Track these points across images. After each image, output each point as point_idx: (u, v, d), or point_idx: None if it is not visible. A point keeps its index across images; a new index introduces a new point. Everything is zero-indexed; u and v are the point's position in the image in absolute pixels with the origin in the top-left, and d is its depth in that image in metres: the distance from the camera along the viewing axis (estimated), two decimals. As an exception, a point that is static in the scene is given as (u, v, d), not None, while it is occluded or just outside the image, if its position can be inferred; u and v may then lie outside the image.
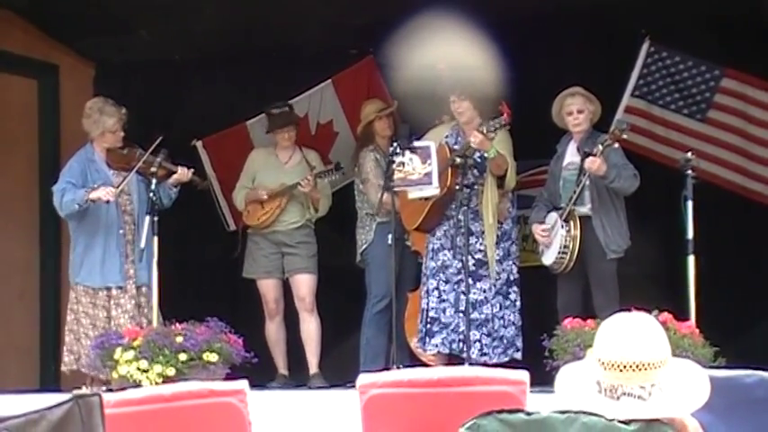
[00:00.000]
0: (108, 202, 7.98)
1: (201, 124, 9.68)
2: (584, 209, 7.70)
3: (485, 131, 7.64)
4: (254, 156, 8.87)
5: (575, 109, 7.81)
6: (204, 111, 9.78)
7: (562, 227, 7.66)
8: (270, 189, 8.59)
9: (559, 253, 7.66)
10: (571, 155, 7.84)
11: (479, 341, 7.84)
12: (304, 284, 8.56)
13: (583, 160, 7.63)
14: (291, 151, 8.78)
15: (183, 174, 8.19)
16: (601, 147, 7.49)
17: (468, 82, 7.98)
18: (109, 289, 8.04)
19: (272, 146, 8.83)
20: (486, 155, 7.80)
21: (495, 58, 7.97)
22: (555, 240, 7.71)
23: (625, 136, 7.60)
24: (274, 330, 8.67)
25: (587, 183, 7.62)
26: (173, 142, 8.38)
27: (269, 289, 8.66)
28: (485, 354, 7.82)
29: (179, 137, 9.17)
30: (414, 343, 8.26)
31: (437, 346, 7.92)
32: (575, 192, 7.64)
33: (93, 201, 7.96)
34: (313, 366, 8.49)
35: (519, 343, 7.93)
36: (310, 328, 8.54)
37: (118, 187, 8.02)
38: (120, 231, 8.09)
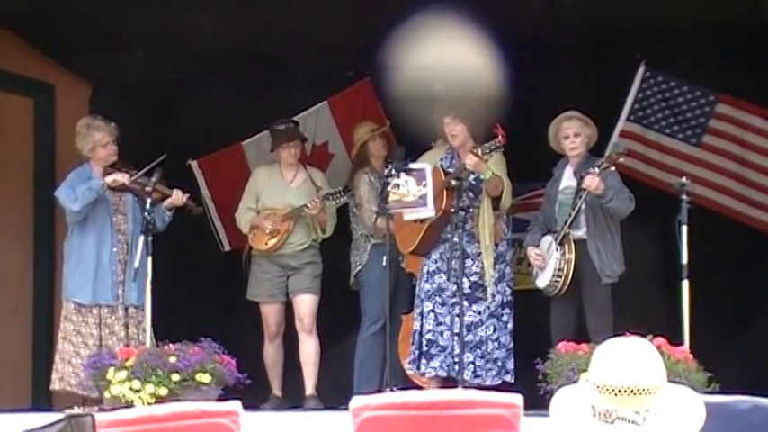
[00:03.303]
0: (123, 185, 8.00)
1: (197, 144, 9.68)
2: (580, 233, 7.70)
3: (479, 153, 7.64)
4: (258, 174, 8.74)
5: (571, 132, 7.82)
6: (200, 131, 9.79)
7: (557, 250, 7.66)
8: (276, 219, 8.45)
9: (553, 276, 7.66)
10: (567, 179, 7.85)
11: (473, 363, 7.82)
12: (304, 305, 8.47)
13: (579, 184, 7.64)
14: (296, 170, 8.65)
15: (177, 197, 8.17)
16: (597, 170, 7.49)
17: (465, 104, 7.98)
18: (99, 307, 8.02)
19: (276, 164, 8.71)
20: (481, 177, 7.81)
21: (493, 80, 7.98)
22: (549, 263, 7.71)
23: (622, 160, 7.62)
24: (272, 352, 8.60)
25: (583, 207, 7.62)
26: (168, 162, 8.37)
27: (271, 313, 8.57)
28: (478, 376, 7.81)
29: (175, 156, 9.17)
30: (406, 365, 8.25)
31: (435, 369, 7.90)
32: (570, 215, 7.64)
33: (110, 186, 7.98)
34: (309, 388, 8.43)
35: (510, 365, 7.91)
36: (308, 349, 8.47)
37: (133, 176, 8.05)
38: (114, 250, 8.08)
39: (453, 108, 7.98)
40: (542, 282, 7.77)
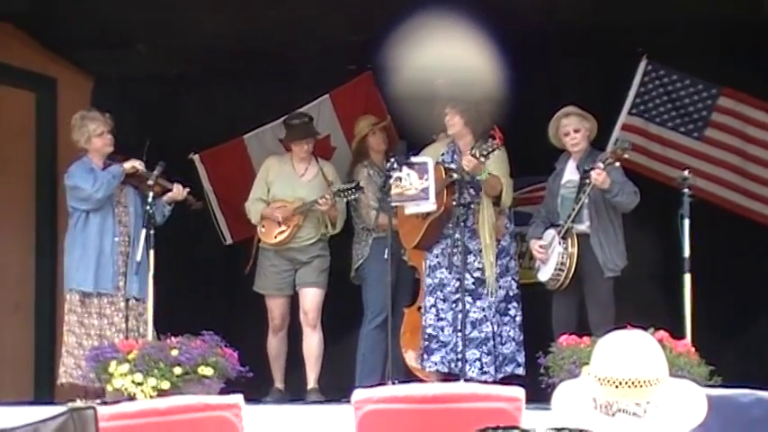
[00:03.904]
0: (139, 173, 8.08)
1: (199, 138, 9.68)
2: (583, 226, 7.70)
3: (477, 155, 7.63)
4: (269, 164, 8.67)
5: (571, 129, 7.82)
6: (202, 125, 9.79)
7: (560, 244, 7.66)
8: (287, 211, 8.40)
9: (556, 270, 7.66)
10: (570, 173, 7.85)
11: (479, 360, 7.81)
12: (309, 299, 8.44)
13: (582, 178, 7.65)
14: (308, 163, 8.61)
15: (177, 192, 8.19)
16: (602, 165, 7.49)
17: (466, 99, 7.97)
18: (100, 296, 8.02)
19: (289, 155, 8.66)
20: (478, 178, 7.79)
21: (494, 77, 7.98)
22: (552, 257, 7.71)
23: (627, 155, 7.60)
24: (276, 345, 8.57)
25: (586, 201, 7.62)
26: (170, 156, 8.38)
27: (277, 306, 8.54)
28: (485, 372, 7.79)
29: (177, 150, 9.18)
30: (413, 359, 8.26)
31: (436, 363, 7.90)
32: (573, 209, 7.64)
33: (128, 173, 8.07)
34: (311, 381, 8.42)
35: (520, 358, 7.89)
36: (311, 343, 8.43)
37: (142, 157, 8.13)
38: (116, 239, 8.09)
39: (454, 99, 8.00)
40: (544, 275, 7.77)
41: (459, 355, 7.76)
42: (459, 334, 7.77)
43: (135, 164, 8.12)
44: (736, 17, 8.46)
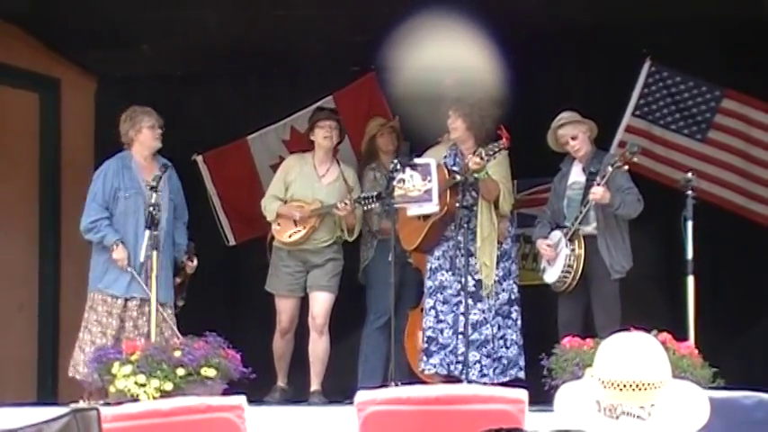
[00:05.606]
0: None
1: (203, 139, 9.68)
2: (589, 228, 7.69)
3: (483, 155, 7.61)
4: (290, 164, 8.51)
5: (569, 137, 7.82)
6: (206, 126, 9.80)
7: (566, 246, 7.66)
8: (304, 211, 8.28)
9: (563, 272, 7.66)
10: (576, 174, 7.84)
11: (479, 362, 7.80)
12: (319, 303, 8.33)
13: (588, 180, 7.64)
14: (329, 164, 8.47)
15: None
16: (610, 169, 7.48)
17: (469, 102, 7.94)
18: (129, 300, 7.94)
19: (310, 155, 8.50)
20: (476, 176, 7.75)
21: (497, 78, 7.98)
22: (559, 259, 7.71)
23: (636, 159, 7.59)
24: (282, 345, 8.48)
25: (593, 203, 7.60)
26: (174, 157, 8.37)
27: (286, 308, 8.43)
28: (485, 375, 7.79)
29: (180, 151, 9.17)
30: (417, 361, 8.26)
31: (435, 366, 7.89)
32: (581, 212, 7.63)
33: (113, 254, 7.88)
34: (315, 384, 8.34)
35: (522, 362, 7.89)
36: (317, 348, 8.34)
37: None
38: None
39: (457, 102, 7.99)
40: (551, 277, 7.77)
41: (459, 358, 7.75)
42: (460, 336, 7.77)
43: (117, 258, 7.87)
44: (737, 17, 8.46)
